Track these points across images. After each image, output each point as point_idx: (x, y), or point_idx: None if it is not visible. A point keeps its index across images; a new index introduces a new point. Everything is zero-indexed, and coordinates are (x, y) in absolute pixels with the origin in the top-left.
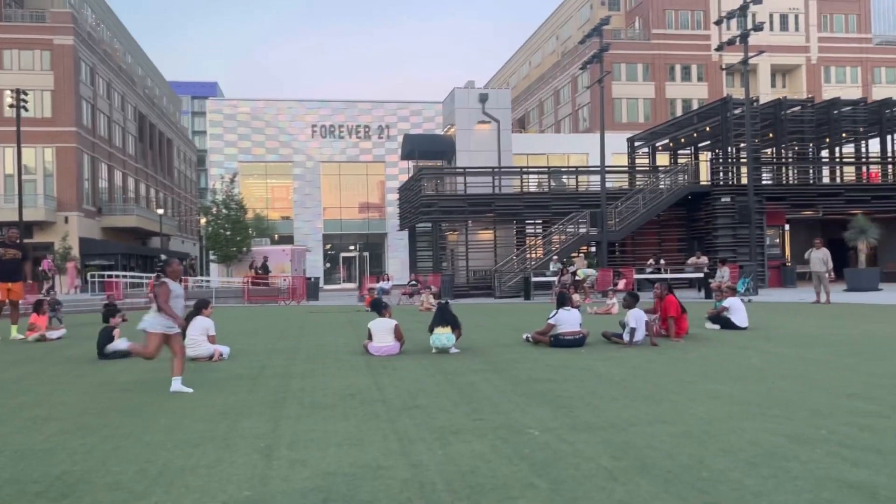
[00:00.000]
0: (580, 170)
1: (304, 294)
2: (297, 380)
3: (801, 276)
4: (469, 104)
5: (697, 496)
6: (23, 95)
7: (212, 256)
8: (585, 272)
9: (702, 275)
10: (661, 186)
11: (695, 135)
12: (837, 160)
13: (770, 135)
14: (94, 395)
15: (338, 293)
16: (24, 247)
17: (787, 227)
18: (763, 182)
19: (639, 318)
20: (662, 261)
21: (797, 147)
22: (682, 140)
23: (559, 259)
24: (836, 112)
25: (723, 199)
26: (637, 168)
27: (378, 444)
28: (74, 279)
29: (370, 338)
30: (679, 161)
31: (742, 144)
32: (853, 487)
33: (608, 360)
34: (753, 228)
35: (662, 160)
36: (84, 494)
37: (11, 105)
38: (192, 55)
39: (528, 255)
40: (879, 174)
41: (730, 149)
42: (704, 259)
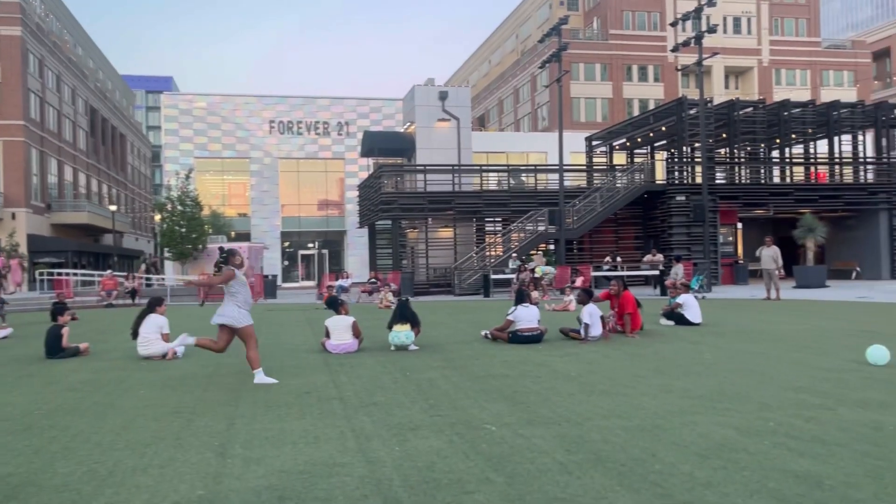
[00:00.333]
0: (539, 168)
1: (262, 292)
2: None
3: (753, 274)
4: (429, 102)
5: (650, 488)
6: None
7: (167, 254)
8: (544, 269)
9: (657, 272)
10: (618, 185)
11: (651, 134)
12: (787, 160)
13: (724, 135)
14: (42, 396)
15: (296, 291)
16: None
17: (740, 226)
18: (717, 181)
19: (593, 314)
20: (619, 258)
21: (749, 147)
22: (639, 139)
23: (518, 257)
24: (787, 113)
25: (678, 198)
26: (595, 167)
27: (334, 442)
28: (18, 277)
29: (328, 335)
30: (636, 160)
31: (697, 144)
32: (798, 477)
33: (565, 356)
34: (707, 227)
35: (619, 159)
36: (30, 496)
37: None
38: (146, 49)
39: (488, 253)
40: (827, 174)
41: (685, 148)
42: (660, 257)
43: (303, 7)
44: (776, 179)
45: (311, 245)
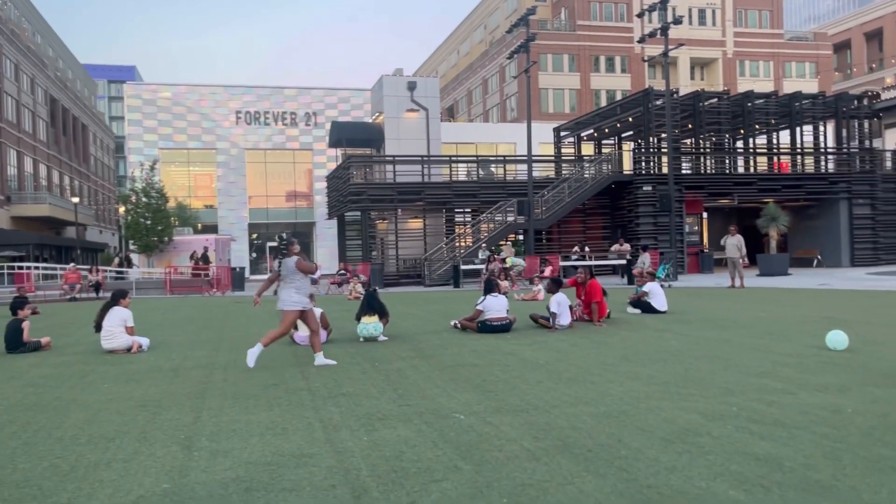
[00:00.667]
0: (508, 159)
1: (229, 284)
2: (220, 371)
3: (718, 262)
4: (397, 92)
5: (616, 473)
6: None
7: (132, 246)
8: (514, 261)
9: (624, 261)
10: (586, 175)
11: (618, 125)
12: (751, 151)
13: (689, 126)
14: (2, 391)
15: None
16: None
17: (705, 215)
18: (683, 171)
19: (561, 303)
20: (587, 248)
21: (714, 138)
22: (606, 130)
23: (488, 247)
24: (750, 104)
25: (645, 188)
26: (563, 157)
27: (302, 433)
28: None
29: (296, 327)
30: (603, 151)
31: (663, 135)
32: (760, 459)
33: (533, 345)
34: (673, 216)
35: (587, 150)
36: None
37: None
38: (108, 38)
39: (458, 244)
40: (789, 164)
41: (651, 139)
42: (627, 246)
43: (267, 1)
44: (740, 169)
45: (280, 237)
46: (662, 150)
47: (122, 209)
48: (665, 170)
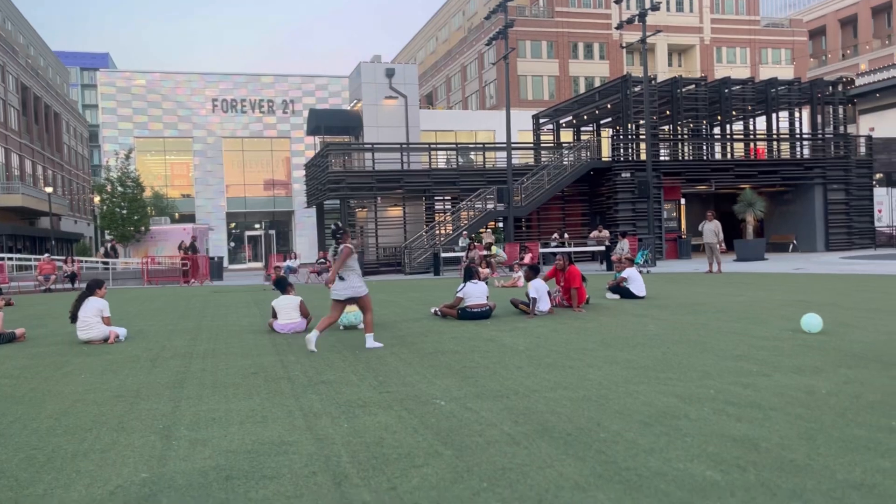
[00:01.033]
0: (487, 146)
1: (207, 274)
2: (199, 360)
3: (696, 248)
4: (376, 79)
5: (595, 456)
6: None
7: (107, 236)
8: (498, 251)
9: (603, 248)
10: (565, 163)
11: (597, 112)
12: (728, 137)
13: (667, 112)
14: None
15: (243, 273)
16: None
17: (683, 201)
18: (661, 158)
19: (539, 289)
20: (566, 235)
21: (692, 124)
22: (585, 117)
23: (468, 235)
24: (727, 91)
25: (623, 175)
26: (542, 145)
27: (282, 421)
28: None
29: (275, 316)
30: (582, 137)
31: (641, 121)
32: (736, 441)
33: (513, 331)
34: (651, 203)
35: (566, 137)
36: None
37: None
38: (80, 24)
39: (438, 231)
40: (765, 150)
41: (629, 126)
42: (606, 233)
43: None
44: (717, 156)
45: (258, 226)
46: (641, 137)
47: (98, 199)
48: (643, 156)
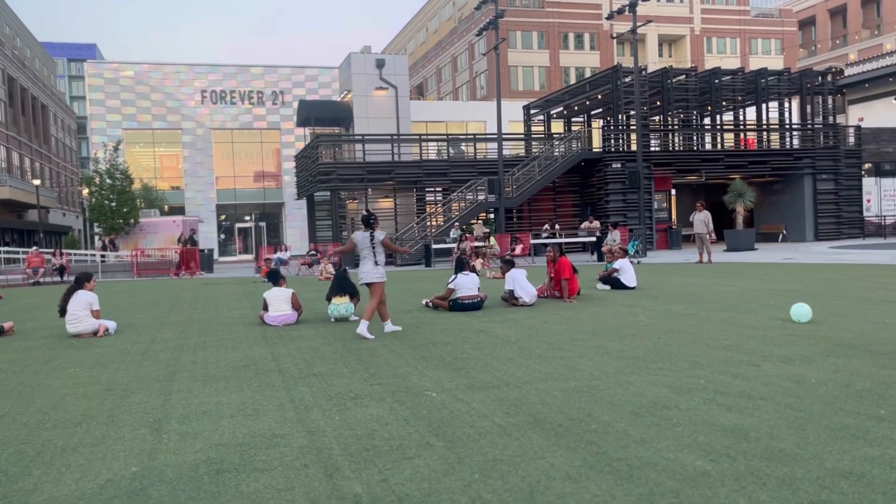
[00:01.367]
0: (478, 137)
1: (198, 266)
2: (190, 353)
3: (686, 239)
4: (366, 70)
5: (586, 447)
6: None
7: (97, 229)
8: (493, 242)
9: (594, 239)
10: (556, 153)
11: (587, 103)
12: (718, 127)
13: (657, 103)
14: None
15: (234, 265)
16: None
17: (674, 192)
18: (651, 149)
19: (517, 279)
20: (557, 226)
21: (682, 114)
22: (576, 108)
23: (460, 226)
24: (717, 81)
25: (614, 166)
26: (533, 135)
27: (273, 414)
28: None
29: (266, 308)
30: (573, 128)
31: (631, 112)
32: (726, 430)
33: (504, 322)
34: (642, 193)
35: (557, 128)
36: None
37: None
38: (67, 15)
39: (429, 223)
40: (755, 141)
41: (620, 116)
42: (597, 223)
43: None
44: (708, 146)
45: (248, 218)
46: (631, 128)
47: (86, 191)
48: (634, 147)
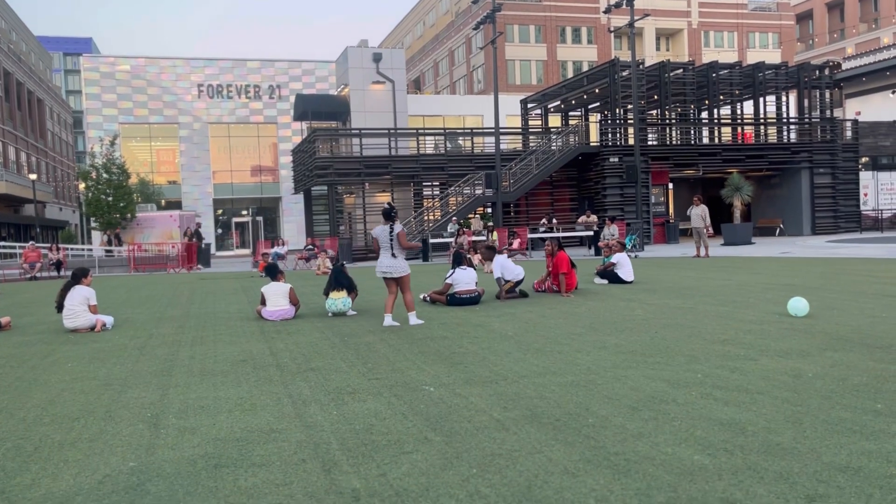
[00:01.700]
0: (475, 131)
1: (195, 261)
2: (187, 348)
3: (684, 233)
4: (363, 64)
5: (583, 441)
6: None
7: (93, 224)
8: (495, 237)
9: (591, 233)
10: (553, 147)
11: (585, 96)
12: (716, 121)
13: (655, 97)
14: None
15: (231, 259)
16: None
17: (671, 186)
18: (648, 143)
19: (504, 265)
20: (555, 220)
21: (680, 108)
22: (573, 102)
23: (457, 221)
24: (715, 75)
25: (611, 160)
26: (530, 130)
27: (271, 408)
28: None
29: (263, 303)
30: (570, 122)
31: (629, 106)
32: (723, 424)
33: (502, 317)
34: (640, 187)
35: (554, 121)
36: None
37: None
38: (63, 8)
39: (426, 217)
40: (752, 135)
41: (618, 110)
42: (594, 218)
43: None
44: (705, 140)
45: (245, 212)
46: (628, 122)
47: (83, 186)
48: (631, 141)
